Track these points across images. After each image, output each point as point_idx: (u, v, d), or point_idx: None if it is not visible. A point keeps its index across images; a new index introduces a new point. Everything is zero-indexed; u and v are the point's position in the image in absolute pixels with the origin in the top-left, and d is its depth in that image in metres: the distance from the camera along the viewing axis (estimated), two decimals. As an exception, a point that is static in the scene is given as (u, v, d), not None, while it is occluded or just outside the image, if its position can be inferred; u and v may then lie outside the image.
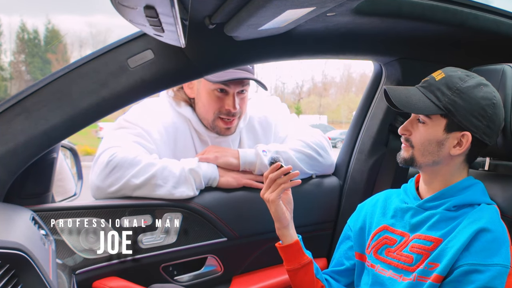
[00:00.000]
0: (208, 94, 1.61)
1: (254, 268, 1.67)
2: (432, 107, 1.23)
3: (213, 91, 1.60)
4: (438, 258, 1.19)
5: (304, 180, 1.69)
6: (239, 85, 1.60)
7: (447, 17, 1.48)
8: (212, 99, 1.61)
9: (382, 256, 1.32)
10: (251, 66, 1.64)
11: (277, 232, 1.37)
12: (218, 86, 1.58)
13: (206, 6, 1.10)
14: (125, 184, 1.42)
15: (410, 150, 1.28)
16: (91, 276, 1.38)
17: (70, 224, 1.38)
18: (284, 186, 1.33)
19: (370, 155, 1.82)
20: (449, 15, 1.48)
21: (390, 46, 1.67)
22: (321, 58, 1.68)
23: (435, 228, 1.24)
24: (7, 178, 1.19)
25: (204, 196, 1.55)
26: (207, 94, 1.62)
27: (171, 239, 1.49)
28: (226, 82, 1.56)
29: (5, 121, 1.18)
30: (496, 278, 1.12)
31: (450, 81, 1.24)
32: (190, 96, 1.67)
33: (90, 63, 1.25)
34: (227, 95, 1.61)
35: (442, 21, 1.48)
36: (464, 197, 1.26)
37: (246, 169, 1.60)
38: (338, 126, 26.75)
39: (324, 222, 1.81)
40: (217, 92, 1.60)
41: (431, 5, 1.44)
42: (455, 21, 1.50)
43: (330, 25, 1.35)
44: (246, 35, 1.26)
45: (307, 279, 1.37)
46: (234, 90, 1.60)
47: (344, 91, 54.06)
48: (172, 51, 1.28)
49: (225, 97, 1.61)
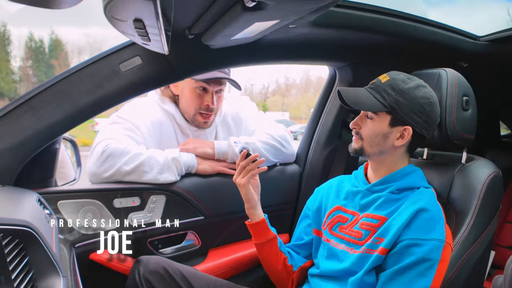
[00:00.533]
0: (190, 91, 1.72)
1: (227, 242, 1.79)
2: (378, 105, 1.33)
3: (195, 89, 1.71)
4: (383, 233, 1.29)
5: (269, 167, 1.82)
6: (218, 85, 1.72)
7: (390, 29, 1.61)
8: (194, 96, 1.72)
9: (336, 232, 1.42)
10: (227, 70, 1.75)
11: (246, 211, 1.50)
12: (200, 85, 1.70)
13: (186, 19, 1.18)
14: (117, 171, 1.52)
15: (360, 142, 1.39)
16: (89, 249, 1.47)
17: (70, 204, 1.47)
18: (252, 172, 1.46)
19: (326, 146, 1.96)
20: (392, 26, 1.61)
21: (342, 53, 1.80)
22: (284, 64, 1.80)
23: (381, 208, 1.35)
24: (17, 166, 1.27)
25: (185, 181, 1.67)
26: (190, 92, 1.72)
27: (156, 217, 1.60)
28: (208, 80, 1.68)
29: (15, 117, 1.26)
30: (432, 251, 1.23)
31: (394, 83, 1.35)
32: (175, 93, 1.78)
33: (87, 68, 1.34)
34: (206, 93, 1.72)
35: (386, 32, 1.62)
36: (405, 182, 1.37)
37: (220, 157, 1.73)
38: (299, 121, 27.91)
39: (286, 203, 1.95)
40: (199, 90, 1.71)
41: (377, 18, 1.57)
42: (397, 32, 1.64)
43: (291, 35, 1.46)
44: (220, 43, 1.35)
45: (272, 252, 1.49)
46: (213, 89, 1.72)
47: (303, 92, 58.54)
48: (157, 58, 1.37)
49: (205, 94, 1.72)
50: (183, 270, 1.43)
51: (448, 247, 1.27)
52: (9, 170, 1.27)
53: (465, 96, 1.46)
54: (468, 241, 1.36)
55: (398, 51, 1.82)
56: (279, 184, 1.90)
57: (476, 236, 1.37)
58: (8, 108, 1.27)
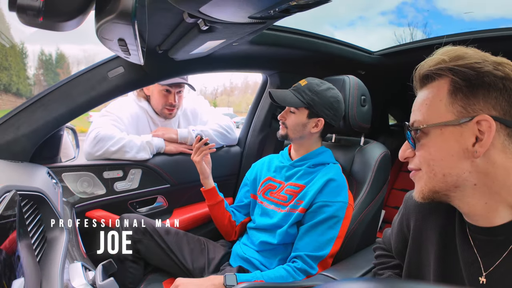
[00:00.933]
0: (158, 93, 1.89)
1: (187, 203, 1.98)
2: (299, 102, 1.45)
3: (161, 91, 1.89)
4: (302, 197, 1.41)
5: (218, 148, 2.02)
6: (178, 87, 1.90)
7: (307, 46, 1.78)
8: (161, 96, 1.90)
9: (267, 196, 1.56)
10: (186, 76, 1.90)
11: (201, 181, 1.65)
12: (164, 88, 1.87)
13: (156, 39, 1.28)
14: (106, 151, 1.68)
15: (285, 129, 1.51)
16: (85, 209, 1.63)
17: (71, 176, 1.61)
18: (204, 152, 1.61)
19: (260, 133, 2.15)
20: (308, 44, 1.78)
21: (272, 64, 1.98)
22: (229, 72, 1.91)
23: (301, 179, 1.48)
24: (31, 148, 1.40)
25: (156, 158, 1.85)
26: (158, 93, 1.89)
27: (134, 185, 1.77)
28: (170, 85, 1.86)
29: (30, 111, 1.38)
30: (339, 210, 1.36)
31: (310, 86, 1.47)
32: (146, 94, 1.94)
33: (84, 75, 1.46)
34: (170, 94, 1.90)
35: (305, 48, 1.79)
36: (319, 159, 1.51)
37: (182, 141, 1.91)
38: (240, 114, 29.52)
39: (231, 175, 2.14)
40: (164, 92, 1.89)
41: (298, 38, 1.73)
42: (312, 48, 1.81)
43: (235, 50, 1.61)
44: (182, 57, 1.45)
45: (220, 211, 1.66)
46: (175, 91, 1.90)
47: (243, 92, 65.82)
48: (135, 67, 1.49)
49: (169, 95, 1.90)
50: (154, 224, 1.55)
51: (350, 207, 1.40)
52: (25, 150, 1.38)
53: (363, 95, 1.59)
54: (365, 203, 1.49)
55: (313, 62, 1.99)
56: (226, 160, 2.07)
57: (371, 199, 1.50)
58: (25, 105, 1.38)
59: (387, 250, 1.09)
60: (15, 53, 27.87)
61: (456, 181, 0.68)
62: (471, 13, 47.07)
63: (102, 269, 0.82)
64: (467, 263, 0.72)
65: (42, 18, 0.60)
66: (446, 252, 0.77)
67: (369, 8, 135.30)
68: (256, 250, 1.50)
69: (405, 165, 3.01)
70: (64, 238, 0.95)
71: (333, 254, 1.37)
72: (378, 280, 0.52)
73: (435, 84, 0.71)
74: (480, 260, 0.70)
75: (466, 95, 0.66)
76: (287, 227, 1.40)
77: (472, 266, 0.71)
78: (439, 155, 0.69)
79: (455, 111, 0.67)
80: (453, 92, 0.68)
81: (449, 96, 0.68)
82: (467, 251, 0.73)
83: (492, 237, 0.69)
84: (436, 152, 0.69)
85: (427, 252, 0.82)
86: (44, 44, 52.66)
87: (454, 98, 0.67)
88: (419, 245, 0.85)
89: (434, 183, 0.70)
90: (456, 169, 0.67)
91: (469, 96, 0.66)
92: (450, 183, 0.69)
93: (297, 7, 0.82)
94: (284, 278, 1.30)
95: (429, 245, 0.82)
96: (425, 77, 0.73)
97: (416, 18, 67.66)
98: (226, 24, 0.97)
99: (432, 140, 0.70)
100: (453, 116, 0.67)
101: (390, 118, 3.46)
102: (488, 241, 0.70)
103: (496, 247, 0.68)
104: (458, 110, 0.67)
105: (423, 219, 0.85)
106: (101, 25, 0.74)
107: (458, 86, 0.67)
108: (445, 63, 0.69)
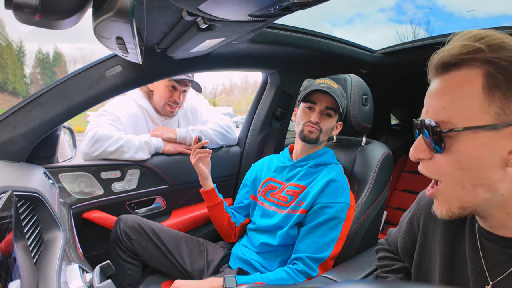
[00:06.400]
0: (164, 87, 1.87)
1: (186, 204, 1.95)
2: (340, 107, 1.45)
3: (168, 86, 1.86)
4: (304, 198, 1.40)
5: (217, 148, 2.00)
6: (184, 86, 1.89)
7: (308, 45, 1.77)
8: (166, 91, 1.87)
9: (268, 197, 1.54)
10: (192, 75, 1.87)
11: (200, 182, 1.63)
12: (172, 83, 1.85)
13: (155, 37, 1.26)
14: (103, 151, 1.65)
15: (318, 132, 1.45)
16: (82, 210, 1.60)
17: (68, 176, 1.58)
18: (200, 155, 1.59)
19: (260, 132, 2.12)
20: (310, 43, 1.76)
21: (272, 63, 1.95)
22: (228, 70, 1.88)
23: (302, 179, 1.46)
24: (28, 147, 1.38)
25: (154, 159, 1.82)
26: (164, 88, 1.87)
27: (133, 185, 1.73)
28: (178, 81, 1.84)
29: (27, 110, 1.36)
30: (340, 211, 1.35)
31: (341, 90, 1.50)
32: (150, 89, 1.91)
33: (81, 74, 1.43)
34: (175, 90, 1.88)
35: (305, 47, 1.77)
36: (321, 159, 1.50)
37: (181, 141, 1.89)
38: (240, 114, 30.19)
39: (230, 175, 2.10)
40: (170, 88, 1.86)
41: (298, 37, 1.71)
42: (313, 46, 1.79)
43: (234, 49, 1.58)
44: (181, 55, 1.45)
45: (220, 212, 1.63)
46: (181, 88, 1.88)
47: (243, 92, 66.59)
48: (133, 66, 1.48)
49: (174, 91, 1.88)
50: (153, 225, 1.55)
51: (352, 208, 1.40)
52: (22, 150, 1.35)
53: (365, 95, 1.58)
54: (366, 204, 1.47)
55: (314, 61, 1.98)
56: (225, 161, 2.06)
57: (373, 200, 1.48)
58: (22, 104, 1.36)
59: (391, 251, 1.06)
60: (11, 52, 28.31)
61: (486, 193, 0.59)
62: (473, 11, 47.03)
63: (99, 271, 0.81)
64: (474, 271, 0.68)
65: (39, 16, 0.59)
66: (454, 258, 0.74)
67: (367, 4, 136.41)
68: (256, 252, 1.50)
69: (408, 166, 2.99)
70: (61, 239, 0.94)
71: (334, 256, 1.36)
72: (379, 282, 0.47)
73: (461, 74, 0.60)
74: (487, 271, 0.66)
75: (505, 94, 0.56)
76: (287, 228, 1.39)
77: (479, 276, 0.67)
78: (470, 163, 0.59)
79: (492, 113, 0.56)
80: (490, 89, 0.56)
81: (485, 93, 0.57)
82: (476, 260, 0.68)
83: (506, 248, 0.63)
84: (466, 160, 0.59)
85: (435, 256, 0.79)
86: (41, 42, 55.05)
87: (491, 96, 0.56)
88: (428, 246, 0.82)
89: (462, 197, 0.61)
90: (487, 179, 0.58)
91: (509, 95, 0.56)
92: (480, 196, 0.60)
93: (298, 5, 0.81)
94: (284, 280, 1.29)
95: (437, 248, 0.78)
96: (448, 64, 0.61)
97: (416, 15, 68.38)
98: (225, 22, 0.96)
99: (463, 146, 0.59)
100: (490, 118, 0.56)
101: (392, 118, 3.44)
102: (500, 252, 0.64)
103: (507, 259, 0.63)
104: (496, 111, 0.56)
105: (436, 220, 0.80)
106: (99, 23, 0.73)
107: (496, 83, 0.56)
108: (483, 53, 0.57)
